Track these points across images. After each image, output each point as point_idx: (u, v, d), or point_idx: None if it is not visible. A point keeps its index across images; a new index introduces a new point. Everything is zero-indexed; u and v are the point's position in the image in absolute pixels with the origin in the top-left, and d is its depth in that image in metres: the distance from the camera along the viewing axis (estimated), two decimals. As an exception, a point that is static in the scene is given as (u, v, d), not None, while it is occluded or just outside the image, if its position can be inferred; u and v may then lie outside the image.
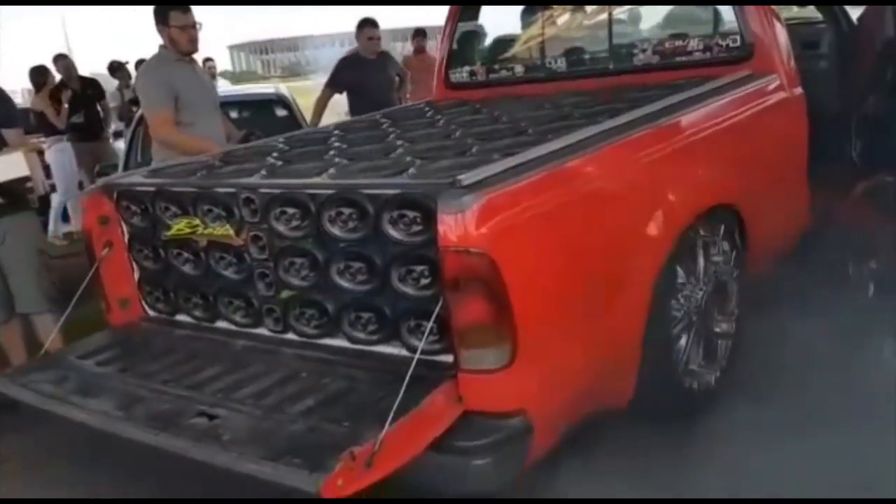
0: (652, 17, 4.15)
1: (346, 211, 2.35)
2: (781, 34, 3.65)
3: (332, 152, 3.06)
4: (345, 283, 2.45)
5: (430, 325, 2.09)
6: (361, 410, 2.14)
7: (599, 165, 2.46)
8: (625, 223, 2.49)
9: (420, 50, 8.64)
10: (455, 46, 4.56)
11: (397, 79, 6.63)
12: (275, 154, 3.20)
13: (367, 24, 6.11)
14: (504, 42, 4.59)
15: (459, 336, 2.09)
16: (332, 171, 2.63)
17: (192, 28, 4.00)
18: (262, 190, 2.56)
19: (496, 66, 4.45)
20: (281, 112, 6.64)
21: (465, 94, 4.39)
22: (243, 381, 2.44)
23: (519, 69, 4.35)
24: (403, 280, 2.30)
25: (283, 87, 7.42)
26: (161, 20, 3.98)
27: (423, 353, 2.29)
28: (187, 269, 2.88)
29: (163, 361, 2.68)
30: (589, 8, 4.20)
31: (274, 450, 2.00)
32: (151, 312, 3.11)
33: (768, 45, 3.57)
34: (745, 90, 3.30)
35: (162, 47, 4.07)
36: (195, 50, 4.10)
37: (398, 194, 2.23)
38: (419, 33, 8.73)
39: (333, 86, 6.24)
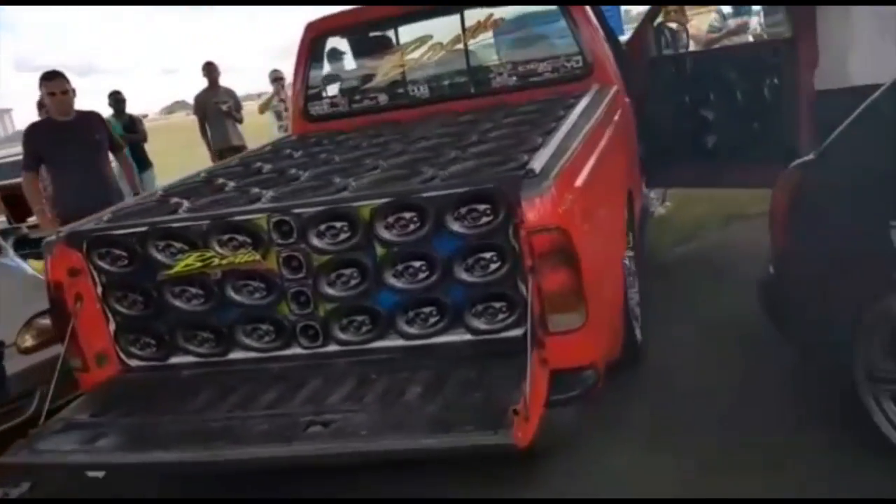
0: (500, 43, 4.77)
1: (407, 215, 2.56)
2: (609, 52, 4.47)
3: (302, 175, 3.17)
4: (401, 284, 2.64)
5: (529, 297, 2.39)
6: (475, 384, 2.37)
7: (595, 147, 2.98)
8: (613, 197, 3.05)
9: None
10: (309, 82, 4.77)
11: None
12: (231, 185, 3.22)
13: (45, 79, 4.79)
14: (363, 74, 4.88)
15: (550, 303, 2.42)
16: (353, 184, 2.79)
17: None
18: (298, 210, 2.64)
19: (358, 97, 4.73)
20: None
21: (326, 126, 4.61)
22: (319, 393, 2.50)
23: (382, 98, 4.68)
24: (470, 269, 2.57)
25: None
26: None
27: (489, 332, 2.61)
28: (194, 305, 2.81)
29: (202, 398, 2.61)
30: (445, 39, 4.69)
31: (431, 427, 2.17)
32: (133, 363, 2.94)
33: (604, 61, 4.35)
34: (611, 96, 4.02)
35: None
36: None
37: (468, 191, 2.51)
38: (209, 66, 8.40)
39: (31, 167, 4.83)
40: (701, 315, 3.75)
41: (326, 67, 5.02)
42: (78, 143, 4.75)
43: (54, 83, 4.75)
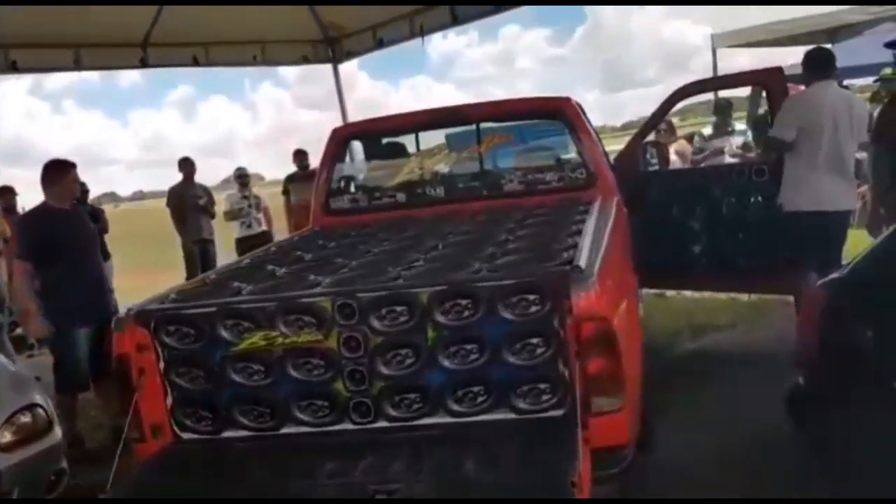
0: (511, 152, 5.22)
1: (463, 302, 2.83)
2: (608, 165, 4.92)
3: (351, 263, 3.45)
4: (452, 365, 2.88)
5: (576, 381, 2.66)
6: (527, 460, 2.60)
7: (615, 249, 3.33)
8: (631, 294, 3.38)
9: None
10: (333, 178, 5.11)
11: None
12: (283, 270, 3.48)
13: (72, 167, 4.88)
14: (382, 173, 5.24)
15: (594, 386, 2.69)
16: (403, 273, 3.08)
17: None
18: (361, 294, 2.89)
19: (377, 194, 5.08)
20: None
21: (346, 220, 4.93)
22: (377, 465, 2.69)
23: (400, 196, 5.03)
24: (517, 353, 2.84)
25: None
26: None
27: (532, 412, 2.85)
28: (254, 381, 3.00)
29: (265, 467, 2.77)
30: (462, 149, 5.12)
31: (494, 496, 2.38)
32: (186, 435, 3.08)
33: (605, 173, 4.79)
34: (615, 205, 4.42)
35: None
36: None
37: (520, 282, 2.80)
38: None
39: (28, 257, 4.74)
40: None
41: (348, 166, 5.38)
42: (81, 233, 4.89)
43: (76, 172, 4.89)
